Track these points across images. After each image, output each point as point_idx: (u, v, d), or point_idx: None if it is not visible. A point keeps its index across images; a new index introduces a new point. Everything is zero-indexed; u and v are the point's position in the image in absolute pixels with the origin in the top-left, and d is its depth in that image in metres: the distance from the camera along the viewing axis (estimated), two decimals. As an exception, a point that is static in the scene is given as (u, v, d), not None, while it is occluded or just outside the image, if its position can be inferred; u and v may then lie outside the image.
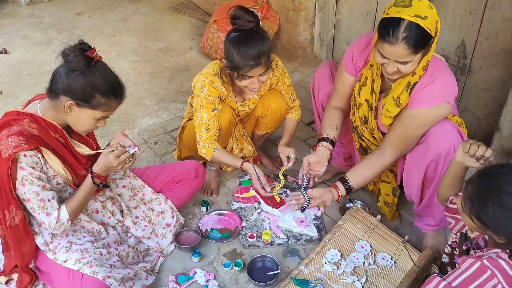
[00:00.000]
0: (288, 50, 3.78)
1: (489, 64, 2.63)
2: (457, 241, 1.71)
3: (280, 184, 2.20)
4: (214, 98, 2.13)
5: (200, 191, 2.41)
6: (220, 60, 2.16)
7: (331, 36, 3.56)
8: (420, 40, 1.65)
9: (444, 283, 1.37)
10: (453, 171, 1.63)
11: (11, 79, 3.52)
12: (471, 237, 1.64)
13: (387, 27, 1.66)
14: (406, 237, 2.01)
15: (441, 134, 1.83)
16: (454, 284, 1.35)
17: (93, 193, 1.86)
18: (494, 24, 2.52)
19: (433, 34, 1.67)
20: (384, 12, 1.72)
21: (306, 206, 1.99)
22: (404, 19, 1.63)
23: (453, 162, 1.60)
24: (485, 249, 1.51)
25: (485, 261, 1.33)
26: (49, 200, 1.71)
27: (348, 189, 1.99)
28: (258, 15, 2.05)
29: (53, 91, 1.70)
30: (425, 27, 1.63)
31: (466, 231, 1.67)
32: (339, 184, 2.01)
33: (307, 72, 3.58)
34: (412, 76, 1.81)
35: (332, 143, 2.11)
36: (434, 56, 1.83)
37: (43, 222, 1.73)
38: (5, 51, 3.92)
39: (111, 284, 1.70)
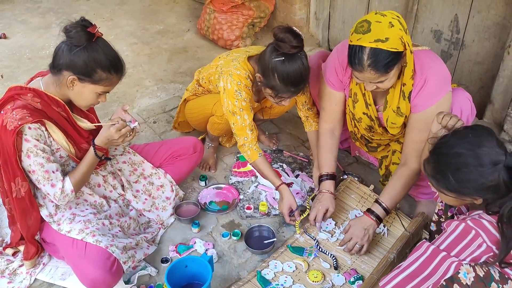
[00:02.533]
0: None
1: (481, 37, 2.66)
2: (443, 208, 1.77)
3: (304, 214, 2.09)
4: (249, 100, 2.11)
5: (198, 166, 2.48)
6: (254, 75, 2.09)
7: (327, 15, 3.58)
8: (387, 62, 1.64)
9: (432, 247, 1.43)
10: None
11: (11, 63, 3.57)
12: None
13: (352, 56, 1.67)
14: (398, 205, 2.08)
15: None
16: (442, 247, 1.41)
17: (95, 165, 1.92)
18: (486, -3, 2.55)
19: (401, 49, 1.66)
20: (349, 39, 1.72)
21: (335, 264, 1.92)
22: (365, 47, 1.63)
23: (430, 134, 1.65)
24: (467, 213, 1.57)
25: (469, 222, 1.40)
26: (53, 172, 1.77)
27: (385, 211, 1.93)
28: (303, 38, 1.94)
29: (55, 67, 1.75)
30: (388, 49, 1.62)
31: None
32: (375, 207, 1.94)
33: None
34: (404, 86, 1.82)
35: (333, 177, 2.10)
36: (416, 52, 1.80)
37: (48, 194, 1.79)
38: (4, 36, 3.96)
39: (113, 252, 1.77)
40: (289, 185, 2.14)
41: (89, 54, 1.70)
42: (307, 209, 2.10)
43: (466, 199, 1.43)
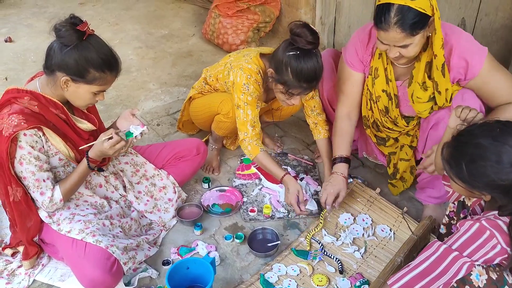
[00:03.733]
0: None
1: (489, 40, 2.63)
2: (455, 210, 1.72)
3: (317, 227, 2.03)
4: (257, 96, 2.08)
5: (202, 169, 2.44)
6: (267, 70, 2.05)
7: (332, 20, 3.56)
8: (413, 22, 1.63)
9: (444, 246, 1.39)
10: (448, 138, 1.65)
11: (16, 66, 3.57)
12: (468, 204, 1.66)
13: (379, 14, 1.66)
14: (405, 208, 2.03)
15: (466, 100, 1.83)
16: (454, 247, 1.37)
17: (87, 176, 1.89)
18: (493, 0, 2.52)
19: (429, 13, 1.64)
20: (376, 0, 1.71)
21: (341, 268, 1.88)
22: (393, 4, 1.62)
23: (448, 129, 1.62)
24: (481, 213, 1.53)
25: (483, 222, 1.35)
26: (44, 181, 1.75)
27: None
28: (320, 35, 1.93)
29: (48, 67, 1.71)
30: (416, 8, 1.61)
31: (463, 199, 1.69)
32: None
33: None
34: (435, 58, 1.77)
35: (347, 160, 2.08)
36: (446, 26, 1.80)
37: (37, 200, 1.77)
38: (10, 40, 3.97)
39: (113, 252, 1.73)
40: (295, 177, 2.10)
41: (80, 53, 1.65)
42: (320, 223, 2.04)
43: (475, 192, 1.39)
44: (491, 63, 1.82)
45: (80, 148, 1.81)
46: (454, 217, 1.74)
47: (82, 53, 1.66)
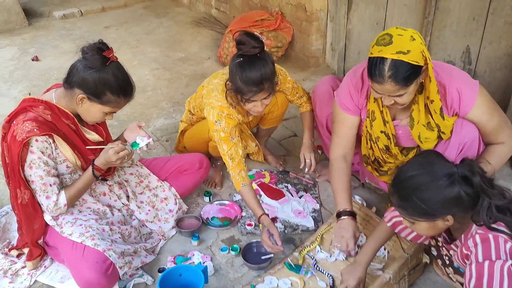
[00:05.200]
0: (301, 59, 3.90)
1: (493, 68, 2.67)
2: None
3: (313, 244, 2.05)
4: (232, 128, 2.14)
5: (204, 183, 2.52)
6: (225, 83, 2.15)
7: (343, 46, 3.66)
8: (407, 74, 1.65)
9: (474, 265, 1.39)
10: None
11: (40, 82, 3.77)
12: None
13: (373, 68, 1.69)
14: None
15: (465, 127, 1.85)
16: (480, 260, 1.38)
17: (91, 184, 2.00)
18: (496, 29, 2.57)
19: (422, 63, 1.66)
20: (369, 51, 1.72)
21: (332, 283, 1.90)
22: (386, 58, 1.64)
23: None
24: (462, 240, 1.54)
25: (477, 237, 1.40)
26: (50, 185, 1.85)
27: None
28: (263, 40, 2.01)
29: (69, 83, 1.86)
30: (409, 61, 1.63)
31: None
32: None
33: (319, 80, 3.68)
34: (432, 103, 1.81)
35: (353, 214, 2.02)
36: (435, 65, 1.81)
37: (42, 204, 1.87)
38: (36, 59, 4.21)
39: (110, 256, 1.80)
40: (273, 220, 2.15)
41: (100, 76, 1.79)
42: (317, 241, 2.06)
43: (438, 221, 1.45)
44: (483, 101, 1.82)
45: (87, 147, 1.92)
46: (439, 238, 1.75)
47: (102, 76, 1.80)
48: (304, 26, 3.73)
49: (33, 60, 4.20)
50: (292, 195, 2.42)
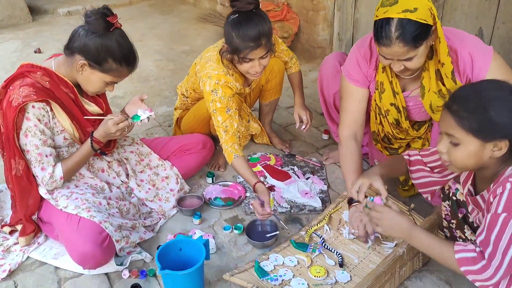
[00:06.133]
0: (307, 50, 3.83)
1: (506, 49, 2.58)
2: (450, 212, 1.63)
3: (320, 223, 1.92)
4: (229, 98, 2.07)
5: (207, 165, 2.42)
6: (220, 50, 2.10)
7: (350, 36, 3.59)
8: (415, 34, 1.57)
9: (488, 215, 1.30)
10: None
11: (41, 72, 3.72)
12: (462, 199, 1.57)
13: (379, 30, 1.60)
14: (412, 205, 1.93)
15: None
16: (499, 211, 1.28)
17: (90, 157, 1.91)
18: (510, 8, 2.49)
19: (430, 22, 1.58)
20: (374, 15, 1.67)
21: (341, 261, 1.77)
22: (393, 18, 1.56)
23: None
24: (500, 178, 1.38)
25: (508, 184, 1.28)
26: (46, 156, 1.76)
27: None
28: None
29: (69, 49, 1.78)
30: (417, 20, 1.55)
31: (455, 197, 1.60)
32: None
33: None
34: (443, 66, 1.72)
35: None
36: (446, 30, 1.74)
37: (37, 176, 1.78)
38: (39, 51, 4.17)
39: (106, 228, 1.71)
40: (270, 188, 2.07)
41: (103, 42, 1.72)
42: (324, 219, 1.94)
43: (488, 146, 1.30)
44: (498, 65, 1.72)
45: (85, 117, 1.83)
46: (452, 220, 1.65)
47: (105, 42, 1.72)
48: (310, 15, 3.67)
49: (35, 52, 4.15)
50: (299, 177, 2.32)
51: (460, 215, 1.62)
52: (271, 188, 2.17)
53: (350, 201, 1.88)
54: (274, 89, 2.45)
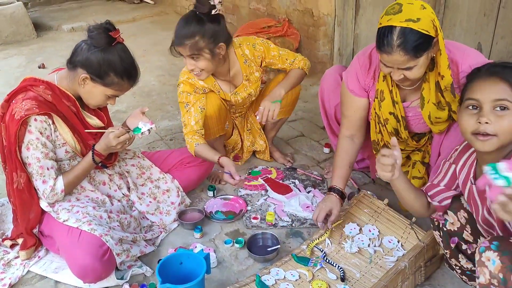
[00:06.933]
0: (308, 65, 3.86)
1: (506, 63, 2.59)
2: (442, 243, 1.67)
3: (322, 236, 1.91)
4: (188, 94, 2.19)
5: (208, 179, 2.43)
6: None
7: (350, 51, 3.62)
8: (416, 44, 1.58)
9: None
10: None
11: (45, 87, 3.75)
12: (452, 230, 1.60)
13: (381, 37, 1.62)
14: (414, 219, 1.92)
15: None
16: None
17: (91, 170, 1.92)
18: (509, 23, 2.52)
19: (432, 34, 1.60)
20: (378, 22, 1.69)
21: (342, 275, 1.77)
22: (395, 26, 1.58)
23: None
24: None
25: None
26: (48, 169, 1.77)
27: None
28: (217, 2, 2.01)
29: (72, 62, 1.81)
30: (419, 30, 1.57)
31: (446, 228, 1.63)
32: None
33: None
34: (443, 79, 1.74)
35: (343, 196, 1.97)
36: (448, 43, 1.75)
37: (38, 189, 1.78)
38: (43, 66, 4.23)
39: (107, 241, 1.70)
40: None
41: (105, 56, 1.75)
42: (326, 233, 1.94)
43: None
44: None
45: (86, 131, 1.84)
46: (446, 250, 1.70)
47: (107, 56, 1.75)
48: (311, 31, 3.71)
49: (39, 67, 4.21)
50: (300, 191, 2.32)
51: (452, 245, 1.63)
52: (236, 157, 2.41)
53: (330, 189, 1.96)
54: (283, 109, 2.40)
